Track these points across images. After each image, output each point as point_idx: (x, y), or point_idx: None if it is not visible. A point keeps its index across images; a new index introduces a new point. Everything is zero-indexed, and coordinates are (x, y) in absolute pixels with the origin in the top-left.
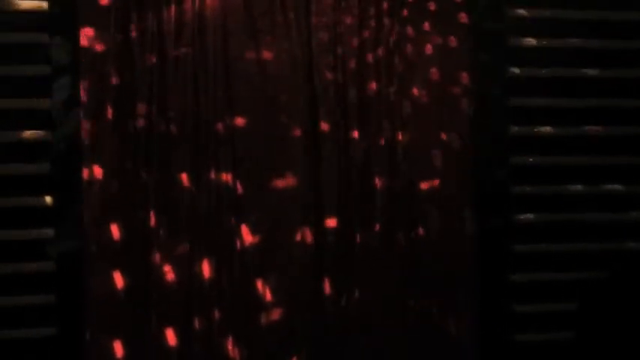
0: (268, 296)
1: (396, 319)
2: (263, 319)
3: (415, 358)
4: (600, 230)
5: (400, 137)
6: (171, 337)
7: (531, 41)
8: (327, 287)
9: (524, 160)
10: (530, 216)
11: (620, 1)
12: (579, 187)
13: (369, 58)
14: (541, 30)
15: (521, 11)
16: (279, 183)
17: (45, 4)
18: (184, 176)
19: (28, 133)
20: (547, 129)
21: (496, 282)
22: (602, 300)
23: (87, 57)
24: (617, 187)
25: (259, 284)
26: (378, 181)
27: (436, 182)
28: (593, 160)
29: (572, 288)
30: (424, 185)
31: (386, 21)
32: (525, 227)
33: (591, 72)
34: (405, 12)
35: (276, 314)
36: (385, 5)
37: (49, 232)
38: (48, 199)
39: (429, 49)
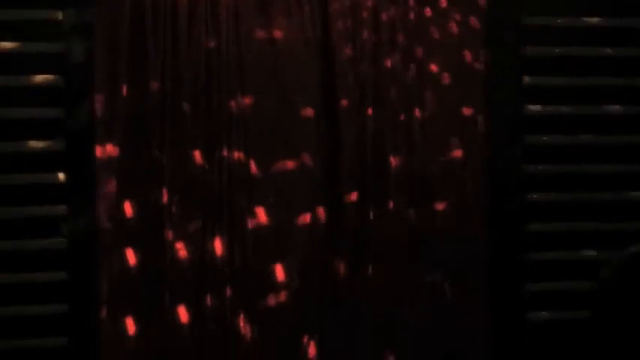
0: (281, 274)
1: (409, 298)
2: (275, 298)
3: (428, 336)
4: (615, 210)
5: (415, 116)
6: (183, 314)
7: (547, 20)
8: (340, 266)
9: (539, 139)
10: (544, 195)
11: None
12: (594, 166)
13: (385, 36)
14: (557, 9)
15: None
16: (292, 161)
17: None
18: (197, 154)
19: (42, 111)
20: (562, 108)
21: (509, 261)
22: (620, 280)
23: (100, 34)
24: (633, 166)
25: (271, 262)
26: (392, 159)
27: (450, 160)
28: (609, 139)
29: (586, 268)
30: (439, 163)
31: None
32: (539, 206)
33: (607, 51)
34: None
35: (288, 293)
36: None
37: (62, 209)
38: (61, 176)
39: (446, 27)
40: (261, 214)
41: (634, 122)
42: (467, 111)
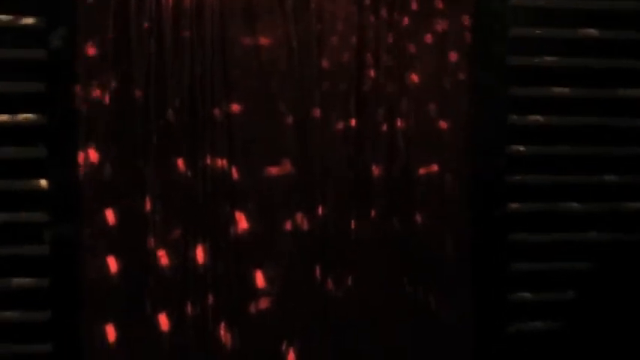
0: (262, 283)
1: (391, 307)
2: (256, 306)
3: (411, 345)
4: (597, 220)
5: (397, 125)
6: (164, 322)
7: (534, 31)
8: (321, 274)
9: (521, 149)
10: (526, 205)
11: None
12: (577, 177)
13: (367, 45)
14: (541, 20)
15: (522, 1)
16: (275, 170)
17: None
18: (180, 162)
19: (23, 117)
20: (546, 118)
21: (492, 271)
22: (597, 290)
23: (83, 40)
24: (614, 177)
25: (253, 271)
26: (374, 169)
27: (433, 170)
28: (591, 150)
29: (569, 278)
30: (421, 173)
31: (385, 9)
32: (522, 216)
33: (592, 62)
34: (406, 2)
35: (269, 301)
36: None
37: (43, 215)
38: (43, 182)
39: (428, 38)
40: (244, 222)
41: (617, 134)
42: (450, 121)
